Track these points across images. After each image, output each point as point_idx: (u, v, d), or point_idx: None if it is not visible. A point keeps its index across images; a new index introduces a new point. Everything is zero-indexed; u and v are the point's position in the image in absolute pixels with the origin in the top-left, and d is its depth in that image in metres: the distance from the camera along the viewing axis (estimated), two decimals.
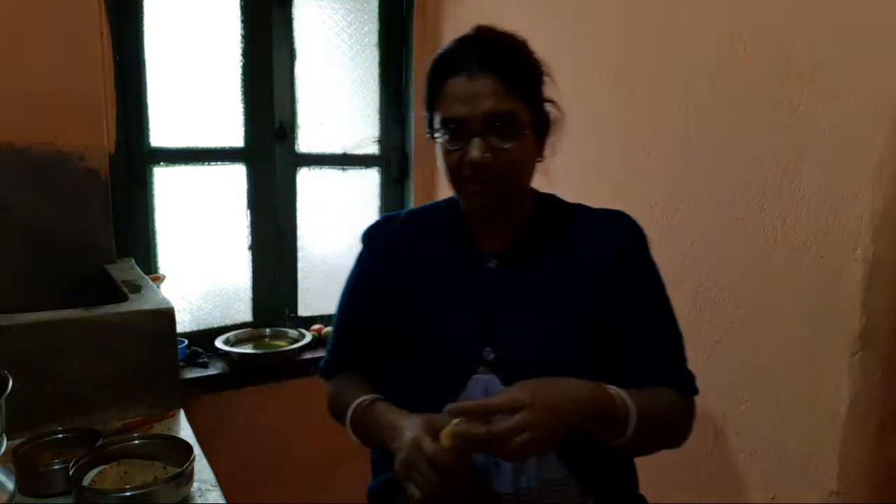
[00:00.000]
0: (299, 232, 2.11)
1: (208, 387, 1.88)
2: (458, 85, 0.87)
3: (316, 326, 2.13)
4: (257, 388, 1.96)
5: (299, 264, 2.13)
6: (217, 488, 1.09)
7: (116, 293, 1.46)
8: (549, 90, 0.94)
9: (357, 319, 1.07)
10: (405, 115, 2.21)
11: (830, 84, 1.06)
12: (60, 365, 1.23)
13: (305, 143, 2.08)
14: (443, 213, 1.03)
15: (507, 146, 0.86)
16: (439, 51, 0.93)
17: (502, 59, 0.87)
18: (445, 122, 0.89)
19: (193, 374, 1.87)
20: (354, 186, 2.24)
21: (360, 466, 2.18)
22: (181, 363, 1.88)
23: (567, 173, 1.05)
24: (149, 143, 1.82)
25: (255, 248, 2.05)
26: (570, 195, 1.03)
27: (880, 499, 1.10)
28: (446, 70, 0.89)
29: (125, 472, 1.05)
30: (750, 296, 1.22)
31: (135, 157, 1.80)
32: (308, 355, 2.04)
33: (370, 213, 2.27)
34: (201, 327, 2.01)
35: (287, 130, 2.02)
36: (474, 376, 0.90)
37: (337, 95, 2.15)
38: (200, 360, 1.92)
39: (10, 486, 0.85)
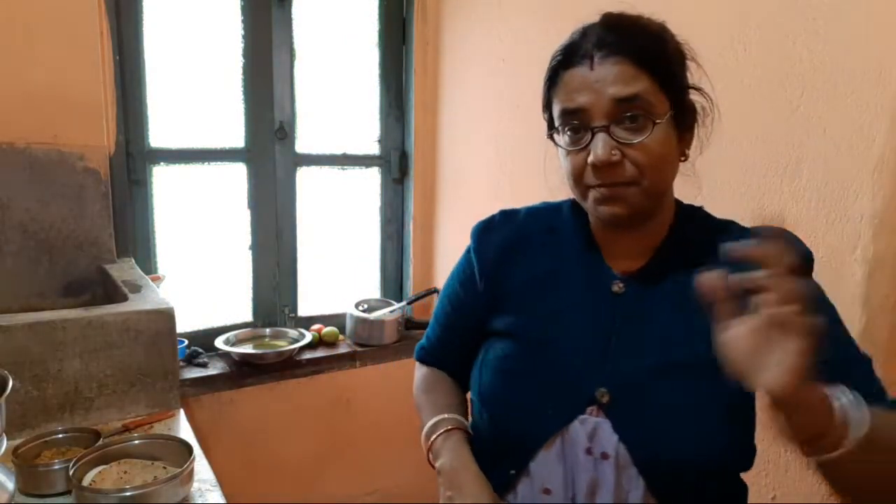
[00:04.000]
0: (299, 232, 2.11)
1: (208, 386, 1.88)
2: (579, 74, 0.74)
3: (316, 326, 2.13)
4: (257, 388, 1.96)
5: (299, 264, 2.13)
6: (217, 488, 1.09)
7: (116, 293, 1.46)
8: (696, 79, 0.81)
9: (456, 320, 0.96)
10: (405, 115, 2.21)
11: (830, 84, 1.06)
12: (60, 365, 1.23)
13: (305, 142, 2.08)
14: (567, 220, 0.88)
15: (640, 140, 0.72)
16: (561, 43, 0.80)
17: (630, 38, 0.74)
18: (564, 115, 0.76)
19: (193, 373, 1.87)
20: (354, 186, 2.25)
21: (359, 463, 2.19)
22: (181, 363, 1.88)
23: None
24: (149, 143, 1.82)
25: (255, 247, 2.05)
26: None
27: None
28: (566, 61, 0.77)
29: (125, 472, 1.06)
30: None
31: (135, 157, 1.80)
32: (308, 355, 2.04)
33: (371, 212, 2.27)
34: (201, 327, 2.01)
35: (287, 130, 2.02)
36: (581, 416, 0.77)
37: (337, 95, 2.15)
38: (200, 360, 1.92)
39: (10, 485, 0.85)
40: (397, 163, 2.23)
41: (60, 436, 1.12)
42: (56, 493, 1.01)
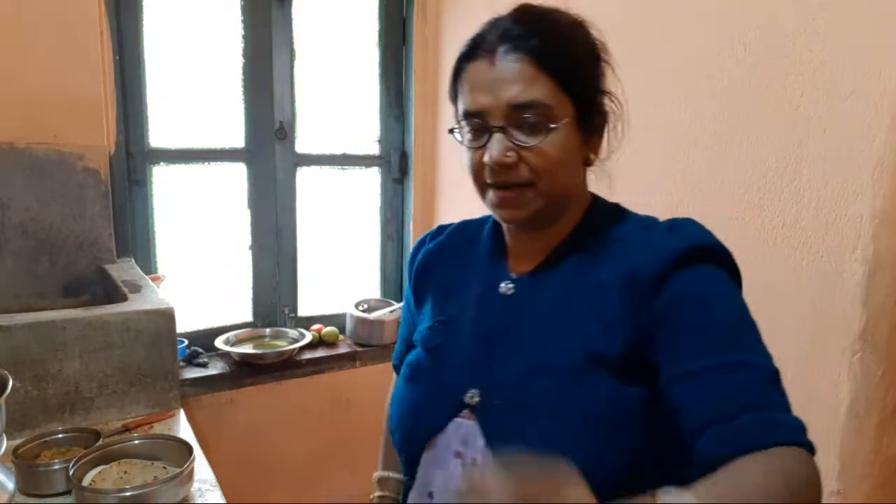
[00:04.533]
0: (299, 232, 2.11)
1: (208, 386, 1.88)
2: (480, 71, 0.73)
3: (316, 326, 2.13)
4: (257, 388, 1.96)
5: (299, 264, 2.13)
6: (217, 488, 1.09)
7: (116, 293, 1.46)
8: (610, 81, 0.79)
9: (405, 331, 0.98)
10: (405, 115, 2.21)
11: (830, 84, 1.06)
12: (60, 365, 1.23)
13: (305, 142, 2.08)
14: (489, 227, 0.89)
15: (535, 143, 0.70)
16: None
17: (535, 35, 0.71)
18: (466, 115, 0.75)
19: (194, 373, 1.87)
20: (354, 186, 2.25)
21: (359, 463, 2.19)
22: (182, 363, 1.88)
23: None
24: (149, 143, 1.82)
25: (255, 247, 2.05)
26: None
27: (882, 498, 1.09)
28: (471, 53, 0.75)
29: (125, 472, 1.06)
30: (749, 296, 1.21)
31: (135, 157, 1.80)
32: (308, 355, 2.04)
33: (371, 212, 2.27)
34: (201, 327, 2.01)
35: (287, 130, 2.02)
36: (456, 419, 0.75)
37: (337, 95, 2.15)
38: (200, 360, 1.92)
39: (10, 485, 0.85)
40: (397, 163, 2.23)
41: (60, 436, 1.12)
42: (56, 493, 1.01)
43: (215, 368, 1.91)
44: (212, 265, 2.04)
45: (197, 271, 2.02)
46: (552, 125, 0.71)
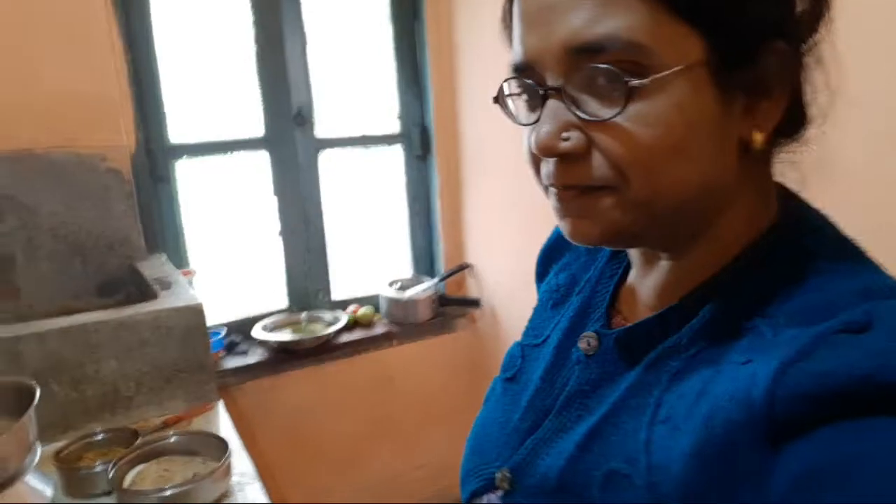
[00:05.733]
0: (327, 215, 2.10)
1: (249, 374, 1.90)
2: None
3: (351, 308, 2.13)
4: (298, 373, 1.97)
5: (329, 247, 2.12)
6: (256, 480, 1.10)
7: (147, 291, 1.47)
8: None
9: None
10: (423, 91, 2.16)
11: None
12: (97, 366, 1.24)
13: (325, 125, 2.05)
14: None
15: (610, 115, 0.41)
16: None
17: None
18: (514, 71, 0.47)
19: (234, 363, 1.89)
20: (378, 165, 2.22)
21: (404, 440, 2.20)
22: (221, 353, 1.90)
23: None
24: (168, 139, 1.82)
25: (284, 233, 2.05)
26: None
27: None
28: None
29: (165, 470, 1.06)
30: None
31: (156, 154, 1.80)
32: (345, 337, 2.04)
33: (396, 190, 2.24)
34: (238, 317, 2.03)
35: (305, 115, 1.99)
36: (486, 495, 0.57)
37: (353, 75, 2.10)
38: (239, 349, 1.94)
39: (49, 491, 0.86)
40: (418, 139, 2.18)
41: (100, 437, 1.14)
42: (99, 494, 1.03)
43: (255, 356, 1.93)
44: (243, 254, 2.05)
45: (229, 262, 2.03)
46: (639, 81, 0.40)
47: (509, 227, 1.98)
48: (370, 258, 2.28)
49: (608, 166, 0.43)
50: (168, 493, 0.97)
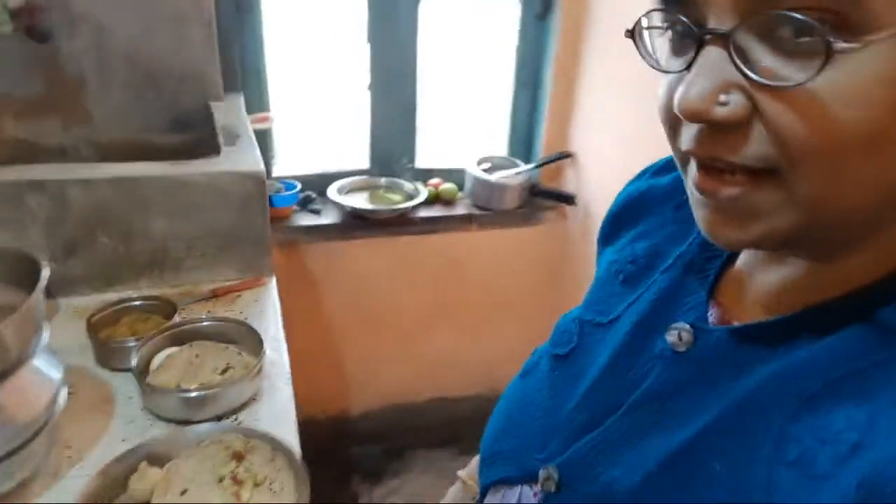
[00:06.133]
0: (422, 73, 1.86)
1: (320, 235, 1.82)
2: None
3: (434, 181, 1.96)
4: (369, 241, 1.87)
5: (420, 110, 1.91)
6: (289, 385, 1.02)
7: (212, 142, 1.35)
8: None
9: None
10: None
11: None
12: (146, 223, 1.16)
13: None
14: None
15: (803, 79, 0.31)
16: None
17: None
18: (664, 2, 0.36)
19: (306, 220, 1.81)
20: (487, 21, 1.91)
21: (467, 328, 2.13)
22: (294, 207, 1.82)
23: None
24: None
25: (374, 87, 1.85)
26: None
27: None
28: None
29: (196, 356, 1.00)
30: None
31: None
32: (423, 212, 1.89)
33: (504, 54, 1.94)
34: (316, 171, 1.91)
35: None
36: (525, 488, 0.50)
37: None
38: (313, 207, 1.85)
39: (58, 374, 0.81)
40: None
41: (138, 303, 1.08)
42: (128, 370, 0.98)
43: (328, 217, 1.83)
44: (328, 105, 1.88)
45: (312, 111, 1.87)
46: (846, 44, 0.30)
47: (625, 118, 1.68)
48: (463, 129, 2.05)
49: (774, 145, 0.33)
50: (193, 394, 0.90)
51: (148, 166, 1.16)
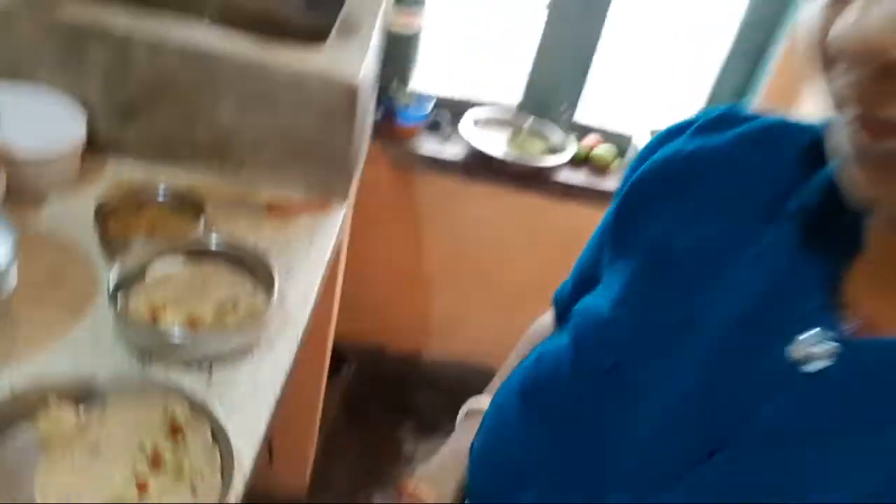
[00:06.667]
0: (613, 9, 1.49)
1: (437, 167, 1.58)
2: None
3: (589, 139, 1.63)
4: (491, 190, 1.61)
5: (599, 52, 1.55)
6: (294, 342, 0.82)
7: (326, 28, 1.13)
8: None
9: (589, 252, 0.61)
10: None
11: None
12: (213, 105, 0.99)
13: None
14: (824, 176, 0.40)
15: None
16: None
17: None
18: None
19: (428, 147, 1.58)
20: None
21: None
22: (421, 127, 1.59)
23: None
24: None
25: (554, 8, 1.51)
26: None
27: None
28: None
29: (201, 281, 0.83)
30: None
31: None
32: (564, 174, 1.58)
33: (726, 9, 1.50)
34: (455, 94, 1.65)
35: None
36: None
37: None
38: (441, 133, 1.61)
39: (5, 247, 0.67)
40: None
41: (161, 197, 0.92)
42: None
43: (453, 150, 1.58)
44: (493, 18, 1.59)
45: (472, 21, 1.59)
46: None
47: None
48: (644, 88, 1.67)
49: None
50: (166, 330, 0.74)
51: (225, 43, 0.97)
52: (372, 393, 1.98)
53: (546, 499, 0.43)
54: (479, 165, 1.56)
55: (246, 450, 0.69)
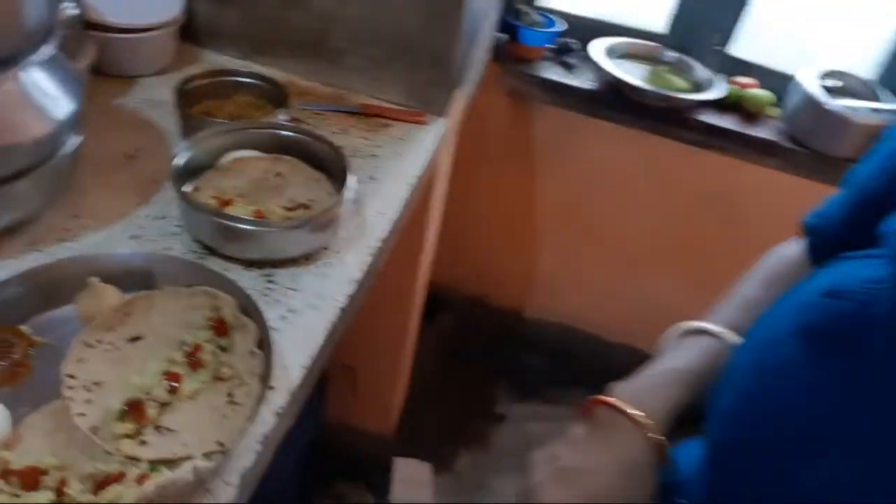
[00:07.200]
0: None
1: (562, 98, 1.41)
2: None
3: (743, 79, 1.38)
4: (620, 129, 1.41)
5: None
6: (369, 255, 0.72)
7: None
8: None
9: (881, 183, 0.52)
10: None
11: None
12: None
13: None
14: None
15: None
16: None
17: None
18: None
19: (552, 72, 1.41)
20: None
21: (697, 273, 1.60)
22: (544, 50, 1.42)
23: None
24: None
25: None
26: None
27: None
28: None
29: (277, 175, 0.74)
30: None
31: None
32: (708, 116, 1.36)
33: None
34: (591, 14, 1.47)
35: None
36: None
37: None
38: (567, 58, 1.43)
39: (67, 108, 0.61)
40: None
41: (247, 79, 0.84)
42: None
43: (580, 79, 1.40)
44: None
45: None
46: None
47: None
48: (814, 22, 1.39)
49: None
50: (227, 222, 0.65)
51: None
52: (469, 346, 1.88)
53: (852, 469, 0.37)
54: (609, 99, 1.37)
55: (296, 363, 0.60)
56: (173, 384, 0.53)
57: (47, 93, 0.62)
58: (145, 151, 0.79)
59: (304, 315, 0.64)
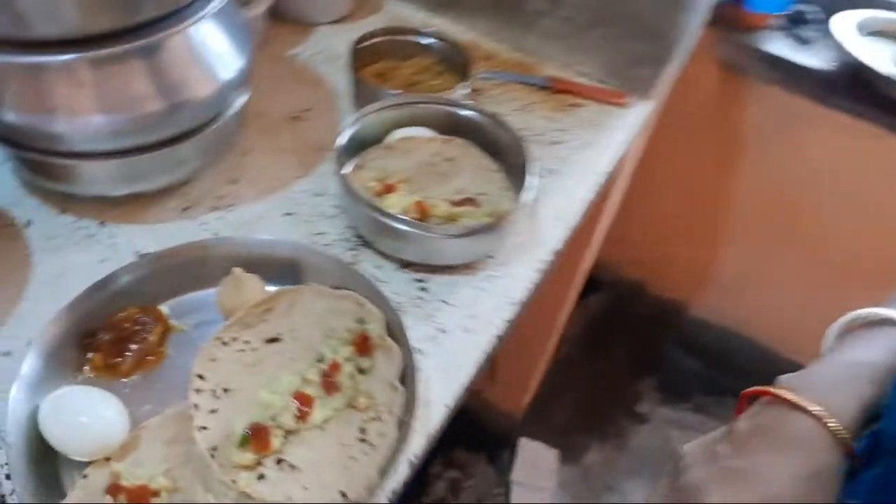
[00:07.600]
0: None
1: (790, 79, 1.17)
2: None
3: None
4: (861, 125, 1.15)
5: None
6: (534, 276, 0.61)
7: None
8: None
9: None
10: None
11: None
12: None
13: None
14: None
15: None
16: None
17: None
18: None
19: (780, 47, 1.17)
20: None
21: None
22: (772, 18, 1.18)
23: None
24: None
25: None
26: None
27: None
28: None
29: (448, 160, 0.65)
30: None
31: None
32: None
33: None
34: None
35: None
36: None
37: None
38: (803, 33, 1.17)
39: (237, 63, 0.54)
40: None
41: (427, 40, 0.73)
42: None
43: (815, 58, 1.15)
44: None
45: None
46: None
47: None
48: None
49: None
50: (382, 218, 0.57)
51: None
52: (618, 333, 1.73)
53: None
54: (849, 85, 1.11)
55: (439, 400, 0.51)
56: (303, 408, 0.47)
57: (217, 48, 0.56)
58: (312, 114, 0.72)
59: (454, 337, 0.55)
